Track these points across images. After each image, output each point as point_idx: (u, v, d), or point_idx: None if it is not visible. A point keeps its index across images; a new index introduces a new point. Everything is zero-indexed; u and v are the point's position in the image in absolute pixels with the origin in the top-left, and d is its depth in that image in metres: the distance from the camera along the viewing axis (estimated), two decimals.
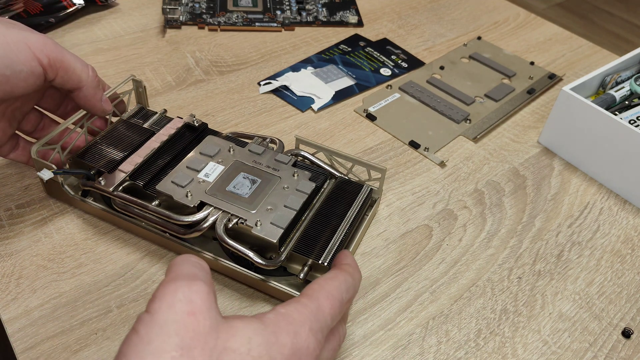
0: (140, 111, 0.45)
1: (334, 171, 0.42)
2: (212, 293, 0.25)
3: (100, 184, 0.38)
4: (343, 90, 0.57)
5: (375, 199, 0.43)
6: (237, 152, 0.40)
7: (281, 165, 0.40)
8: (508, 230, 0.44)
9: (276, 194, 0.37)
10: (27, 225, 0.40)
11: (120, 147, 0.41)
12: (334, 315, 0.28)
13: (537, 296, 0.39)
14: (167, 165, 0.40)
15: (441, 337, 0.36)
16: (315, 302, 0.27)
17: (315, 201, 0.39)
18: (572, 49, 0.67)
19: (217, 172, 0.38)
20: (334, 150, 0.42)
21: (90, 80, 0.38)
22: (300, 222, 0.37)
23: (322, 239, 0.36)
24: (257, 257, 0.34)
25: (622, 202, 0.47)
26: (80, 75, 0.37)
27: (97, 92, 0.39)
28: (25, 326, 0.34)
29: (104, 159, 0.40)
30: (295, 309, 0.26)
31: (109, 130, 0.43)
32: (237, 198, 0.37)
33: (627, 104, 0.51)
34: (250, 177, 0.38)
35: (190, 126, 0.44)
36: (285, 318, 0.26)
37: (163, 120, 0.45)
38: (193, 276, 0.25)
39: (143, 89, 0.46)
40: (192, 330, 0.23)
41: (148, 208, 0.36)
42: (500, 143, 0.52)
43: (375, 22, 0.68)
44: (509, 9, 0.74)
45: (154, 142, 0.41)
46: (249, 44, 0.62)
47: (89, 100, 0.38)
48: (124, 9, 0.66)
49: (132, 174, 0.39)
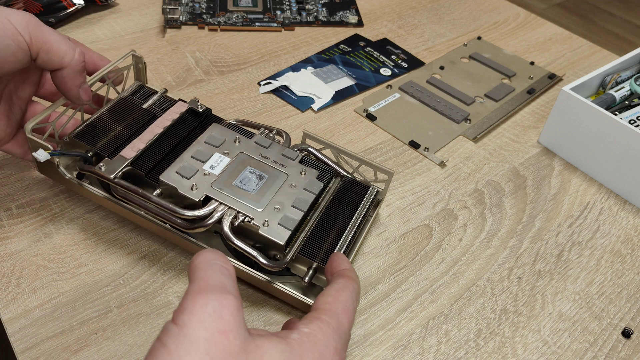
0: (139, 89, 0.44)
1: (340, 170, 0.41)
2: (241, 308, 0.25)
3: (101, 169, 0.36)
4: (343, 90, 0.57)
5: (380, 200, 0.42)
6: (243, 143, 0.39)
7: (288, 161, 0.39)
8: (508, 230, 0.44)
9: (283, 192, 0.36)
10: (27, 225, 0.40)
11: (119, 129, 0.39)
12: (350, 327, 0.28)
13: (537, 296, 0.39)
14: (170, 152, 0.39)
15: (441, 337, 0.36)
16: (336, 319, 0.27)
17: (321, 200, 0.39)
18: (572, 49, 0.67)
19: (223, 165, 0.37)
20: (341, 148, 0.41)
21: (73, 64, 0.36)
22: (307, 221, 0.37)
23: (327, 241, 0.36)
24: (263, 258, 0.34)
25: (622, 202, 0.47)
26: (63, 57, 0.35)
27: (76, 77, 0.36)
28: (25, 326, 0.34)
29: (102, 140, 0.38)
30: (319, 329, 0.26)
31: (107, 108, 0.41)
32: (244, 194, 0.36)
33: (627, 104, 0.51)
34: (257, 173, 0.37)
35: (193, 111, 0.42)
36: (310, 339, 0.26)
37: (163, 101, 0.43)
38: (223, 288, 0.24)
39: (143, 65, 0.44)
40: (222, 350, 0.22)
41: (151, 199, 0.35)
42: (500, 143, 0.52)
43: (375, 22, 0.68)
44: (509, 9, 0.74)
45: (156, 127, 0.40)
46: (249, 44, 0.62)
47: (65, 84, 0.36)
48: (124, 9, 0.66)
49: (134, 160, 0.37)
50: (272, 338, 0.25)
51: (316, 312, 0.28)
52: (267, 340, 0.24)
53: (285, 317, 0.36)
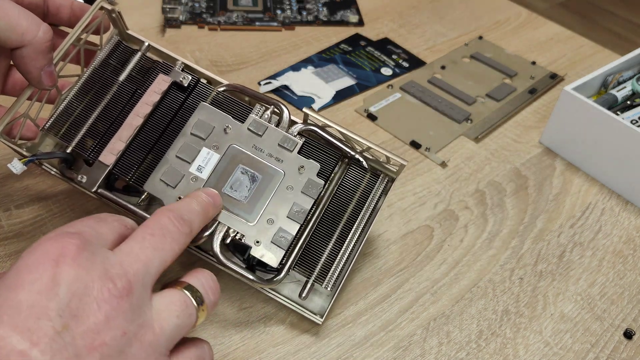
0: (117, 47, 0.38)
1: (348, 150, 0.36)
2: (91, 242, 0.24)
3: (82, 181, 0.33)
4: (344, 90, 0.56)
5: (389, 188, 0.37)
6: (234, 131, 0.35)
7: (285, 153, 0.34)
8: (509, 231, 0.44)
9: (279, 198, 0.34)
10: (26, 226, 0.40)
11: (95, 116, 0.35)
12: None
13: (538, 297, 0.39)
14: (155, 146, 0.35)
15: (442, 338, 0.36)
16: None
17: (324, 194, 0.35)
18: (574, 48, 0.66)
19: (212, 164, 0.34)
20: (345, 131, 0.36)
21: (36, 42, 0.31)
22: (305, 225, 0.34)
23: (326, 251, 0.34)
24: (255, 277, 0.33)
25: (624, 202, 0.47)
26: (23, 35, 0.31)
27: (39, 58, 0.32)
28: None
29: (77, 134, 0.34)
30: None
31: (80, 86, 0.36)
32: (235, 204, 0.33)
33: (629, 104, 0.51)
34: (250, 172, 0.34)
35: (178, 85, 0.36)
36: None
37: (145, 64, 0.37)
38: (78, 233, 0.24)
39: (117, 14, 0.37)
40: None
41: (137, 214, 0.33)
42: (502, 143, 0.52)
43: (376, 22, 0.68)
44: (510, 8, 0.73)
45: (136, 116, 0.35)
46: (249, 43, 0.62)
47: (25, 64, 0.32)
48: (124, 8, 0.65)
49: (115, 165, 0.34)
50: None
51: None
52: None
53: (284, 320, 0.36)
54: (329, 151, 0.36)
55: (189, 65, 0.37)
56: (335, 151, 0.36)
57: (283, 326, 0.36)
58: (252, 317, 0.36)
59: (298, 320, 0.36)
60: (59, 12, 0.37)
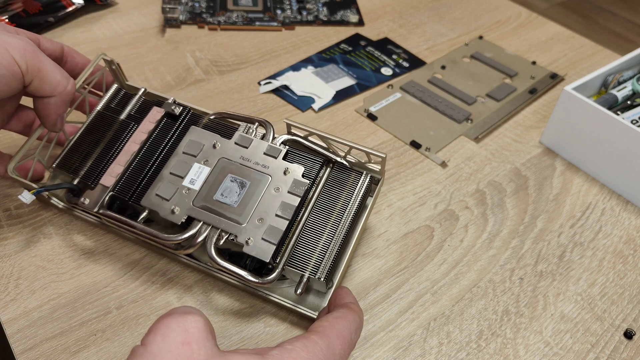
0: (117, 93, 0.42)
1: (331, 155, 0.38)
2: (209, 326, 0.24)
3: (85, 203, 0.36)
4: (344, 90, 0.56)
5: (376, 187, 0.39)
6: (223, 146, 0.37)
7: (270, 160, 0.36)
8: (510, 231, 0.44)
9: (267, 199, 0.35)
10: (25, 226, 0.40)
11: (99, 150, 0.38)
12: (344, 356, 0.27)
13: (539, 297, 0.39)
14: (151, 168, 0.38)
15: (442, 338, 0.36)
16: (326, 341, 0.26)
17: (312, 195, 0.37)
18: (574, 48, 0.66)
19: (203, 176, 0.36)
20: (326, 135, 0.38)
21: (63, 94, 0.36)
22: (295, 225, 0.35)
23: (318, 246, 0.35)
24: (250, 276, 0.33)
25: (624, 202, 0.47)
26: (56, 87, 0.35)
27: (61, 107, 0.36)
28: (24, 327, 0.34)
29: (84, 167, 0.38)
30: (303, 346, 0.25)
31: (86, 127, 0.40)
32: (225, 209, 0.34)
33: (630, 104, 0.51)
34: (239, 180, 0.36)
35: (171, 115, 0.40)
36: (290, 355, 0.24)
37: (143, 104, 0.41)
38: (188, 311, 0.25)
39: (117, 66, 0.42)
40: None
41: (136, 228, 0.34)
42: (502, 143, 0.52)
43: (376, 22, 0.68)
44: (510, 8, 0.73)
45: (133, 143, 0.38)
46: (249, 43, 0.61)
47: (48, 110, 0.36)
48: (124, 8, 0.66)
49: (114, 187, 0.36)
50: (245, 354, 0.24)
51: (306, 333, 0.27)
52: (239, 355, 0.24)
53: (285, 319, 0.36)
54: (313, 157, 0.38)
55: (180, 102, 0.41)
56: (318, 157, 0.38)
57: (283, 326, 0.36)
58: (252, 318, 0.36)
59: (298, 320, 0.36)
60: (75, 69, 0.42)
